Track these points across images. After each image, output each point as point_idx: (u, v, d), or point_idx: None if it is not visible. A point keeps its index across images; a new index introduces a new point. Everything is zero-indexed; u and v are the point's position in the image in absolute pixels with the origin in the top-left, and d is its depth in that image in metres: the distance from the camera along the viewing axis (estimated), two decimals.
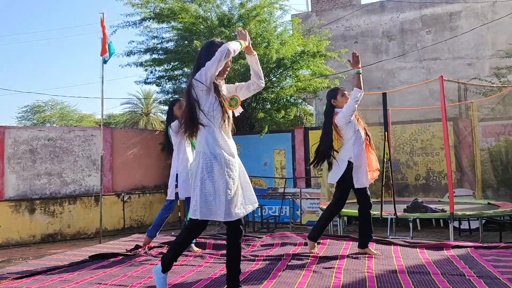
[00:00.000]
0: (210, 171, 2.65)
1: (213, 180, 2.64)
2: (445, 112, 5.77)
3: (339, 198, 3.96)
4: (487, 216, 6.10)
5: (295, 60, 9.69)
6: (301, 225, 9.08)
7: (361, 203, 3.90)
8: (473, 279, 2.94)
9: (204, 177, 2.65)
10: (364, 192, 3.87)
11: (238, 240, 2.74)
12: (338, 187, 3.94)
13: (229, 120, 2.79)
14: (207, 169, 2.65)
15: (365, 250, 3.84)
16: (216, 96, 2.72)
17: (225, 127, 2.75)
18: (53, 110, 19.80)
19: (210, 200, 2.63)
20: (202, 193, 2.64)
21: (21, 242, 8.19)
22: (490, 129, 8.66)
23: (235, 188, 2.66)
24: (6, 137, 8.41)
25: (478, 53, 11.28)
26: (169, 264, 2.79)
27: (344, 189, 3.91)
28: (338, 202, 3.97)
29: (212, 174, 2.64)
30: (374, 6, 12.52)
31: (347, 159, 3.83)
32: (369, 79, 12.24)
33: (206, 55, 2.75)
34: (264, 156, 10.17)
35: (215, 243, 4.41)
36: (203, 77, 2.69)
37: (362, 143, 3.85)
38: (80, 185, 9.08)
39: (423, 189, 9.00)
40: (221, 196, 2.61)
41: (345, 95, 3.96)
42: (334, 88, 4.18)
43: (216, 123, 2.71)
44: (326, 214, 4.06)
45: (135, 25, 10.11)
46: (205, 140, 2.70)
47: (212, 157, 2.66)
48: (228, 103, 2.78)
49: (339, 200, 3.96)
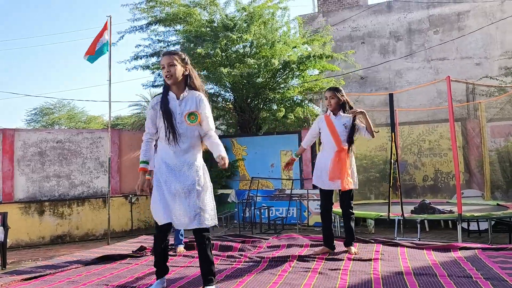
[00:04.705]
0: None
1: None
2: (453, 113, 5.74)
3: (320, 199, 4.16)
4: (496, 217, 6.05)
5: (301, 61, 9.71)
6: (308, 226, 9.07)
7: (340, 204, 4.17)
8: (480, 281, 2.92)
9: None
10: (343, 194, 4.02)
11: (200, 246, 2.84)
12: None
13: (173, 132, 2.82)
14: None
15: (346, 248, 4.01)
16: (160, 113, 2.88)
17: (171, 139, 2.82)
18: (61, 112, 19.96)
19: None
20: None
21: (30, 243, 8.28)
22: (498, 130, 8.59)
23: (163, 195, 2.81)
24: (16, 140, 8.52)
25: (486, 53, 11.18)
26: (157, 270, 2.99)
27: (320, 190, 4.12)
28: (321, 203, 4.16)
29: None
30: (381, 6, 12.47)
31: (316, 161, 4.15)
32: (376, 80, 12.21)
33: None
34: (271, 158, 10.18)
35: (221, 244, 4.42)
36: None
37: (328, 148, 3.99)
38: (88, 187, 9.16)
39: (431, 190, 8.95)
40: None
41: (327, 97, 4.11)
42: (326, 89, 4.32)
43: (161, 135, 2.88)
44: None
45: (141, 29, 10.20)
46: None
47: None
48: (186, 117, 2.84)
49: (321, 202, 4.16)
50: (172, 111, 2.83)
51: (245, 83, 10.20)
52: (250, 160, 10.41)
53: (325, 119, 4.06)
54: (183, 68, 2.86)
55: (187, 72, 2.89)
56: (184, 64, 2.87)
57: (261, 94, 10.45)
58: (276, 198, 9.63)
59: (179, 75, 2.84)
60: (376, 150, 8.97)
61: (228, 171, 10.40)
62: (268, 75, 10.23)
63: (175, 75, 2.81)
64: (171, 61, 2.80)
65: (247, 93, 10.52)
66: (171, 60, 2.81)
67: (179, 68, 2.83)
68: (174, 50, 2.97)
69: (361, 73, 12.09)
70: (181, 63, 2.85)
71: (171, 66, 2.80)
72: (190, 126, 2.83)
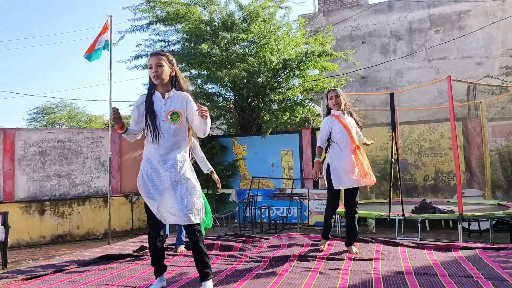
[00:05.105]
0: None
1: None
2: (453, 112, 5.73)
3: (328, 200, 4.17)
4: (497, 217, 6.04)
5: (301, 60, 9.69)
6: (308, 226, 9.06)
7: (345, 204, 4.15)
8: (481, 281, 2.91)
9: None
10: (350, 195, 4.03)
11: (192, 240, 2.83)
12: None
13: (156, 132, 2.85)
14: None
15: (347, 248, 4.02)
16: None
17: (155, 138, 2.85)
18: (63, 111, 19.96)
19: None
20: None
21: (31, 243, 8.29)
22: (499, 129, 8.57)
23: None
24: (17, 139, 8.53)
25: (487, 52, 11.16)
26: (155, 269, 3.01)
27: (329, 192, 4.10)
28: (328, 203, 4.18)
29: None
30: (381, 6, 12.46)
31: (327, 162, 4.06)
32: (377, 79, 12.20)
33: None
34: (271, 157, 10.17)
35: (222, 244, 4.42)
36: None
37: (344, 146, 3.96)
38: (89, 186, 9.16)
39: (431, 189, 8.94)
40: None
41: (332, 97, 4.08)
42: (327, 91, 4.28)
43: (147, 134, 2.92)
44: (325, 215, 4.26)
45: (142, 29, 10.20)
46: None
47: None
48: (169, 116, 2.87)
49: (328, 202, 4.16)
50: (156, 111, 2.87)
51: (246, 83, 10.19)
52: (250, 160, 10.40)
53: (337, 118, 4.04)
54: (170, 69, 2.90)
55: (174, 73, 2.94)
56: (171, 65, 2.91)
57: (261, 93, 10.45)
58: (276, 197, 9.63)
59: (166, 76, 2.88)
60: (376, 150, 8.96)
61: (229, 170, 10.40)
62: (269, 75, 10.23)
63: (162, 76, 2.85)
64: (159, 61, 2.84)
65: (247, 93, 10.51)
66: (158, 60, 2.84)
67: (166, 69, 2.87)
68: (161, 51, 3.00)
69: (361, 73, 12.08)
70: (169, 64, 2.89)
71: (158, 67, 2.84)
72: (173, 125, 2.86)
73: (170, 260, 3.86)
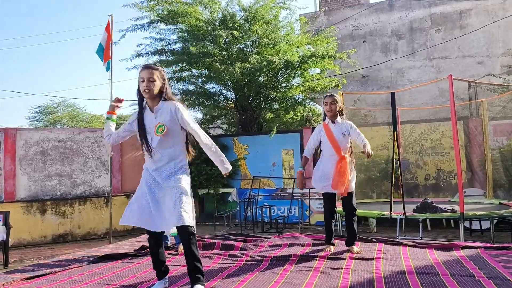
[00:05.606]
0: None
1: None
2: (455, 111, 5.72)
3: (324, 203, 4.22)
4: (499, 216, 6.03)
5: (303, 61, 9.68)
6: (310, 225, 9.06)
7: (342, 206, 4.22)
8: (482, 280, 2.91)
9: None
10: (344, 198, 4.08)
11: (185, 243, 2.84)
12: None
13: (149, 147, 2.92)
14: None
15: (348, 248, 4.05)
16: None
17: (149, 152, 2.93)
18: (64, 111, 19.97)
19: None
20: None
21: (32, 242, 8.29)
22: (501, 128, 8.56)
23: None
24: (18, 139, 8.53)
25: (488, 51, 11.14)
26: (157, 272, 3.04)
27: (323, 194, 4.18)
28: (324, 207, 4.26)
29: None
30: (382, 5, 12.44)
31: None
32: (378, 79, 12.18)
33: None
34: (272, 157, 10.17)
35: (223, 243, 4.42)
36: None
37: (328, 156, 4.04)
38: (90, 186, 9.17)
39: (433, 189, 8.92)
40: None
41: (327, 103, 4.11)
42: (325, 95, 4.30)
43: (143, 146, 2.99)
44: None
45: (143, 28, 10.18)
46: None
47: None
48: (155, 129, 2.89)
49: (324, 205, 4.23)
50: (147, 127, 2.93)
51: (247, 82, 10.18)
52: (251, 159, 10.40)
53: (324, 128, 4.09)
54: (161, 84, 2.92)
55: (164, 88, 2.95)
56: (163, 80, 2.93)
57: (262, 93, 10.43)
58: (277, 197, 9.63)
59: (156, 90, 2.90)
60: (378, 149, 8.94)
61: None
62: (270, 74, 10.21)
63: (153, 91, 2.87)
64: (151, 76, 2.85)
65: (248, 92, 10.50)
66: (151, 75, 2.85)
67: (158, 84, 2.89)
68: (154, 65, 3.00)
69: (362, 72, 12.06)
70: (160, 78, 2.91)
71: (151, 82, 2.85)
72: (158, 137, 2.88)
73: (171, 260, 3.86)
